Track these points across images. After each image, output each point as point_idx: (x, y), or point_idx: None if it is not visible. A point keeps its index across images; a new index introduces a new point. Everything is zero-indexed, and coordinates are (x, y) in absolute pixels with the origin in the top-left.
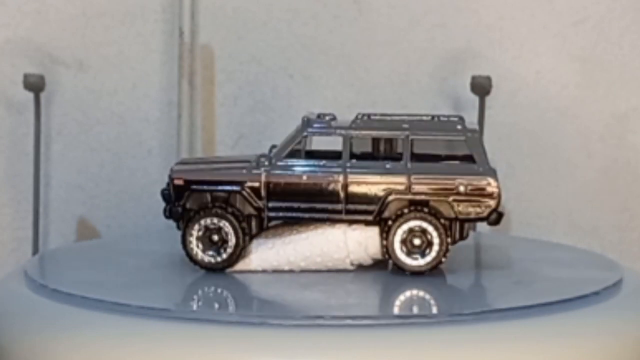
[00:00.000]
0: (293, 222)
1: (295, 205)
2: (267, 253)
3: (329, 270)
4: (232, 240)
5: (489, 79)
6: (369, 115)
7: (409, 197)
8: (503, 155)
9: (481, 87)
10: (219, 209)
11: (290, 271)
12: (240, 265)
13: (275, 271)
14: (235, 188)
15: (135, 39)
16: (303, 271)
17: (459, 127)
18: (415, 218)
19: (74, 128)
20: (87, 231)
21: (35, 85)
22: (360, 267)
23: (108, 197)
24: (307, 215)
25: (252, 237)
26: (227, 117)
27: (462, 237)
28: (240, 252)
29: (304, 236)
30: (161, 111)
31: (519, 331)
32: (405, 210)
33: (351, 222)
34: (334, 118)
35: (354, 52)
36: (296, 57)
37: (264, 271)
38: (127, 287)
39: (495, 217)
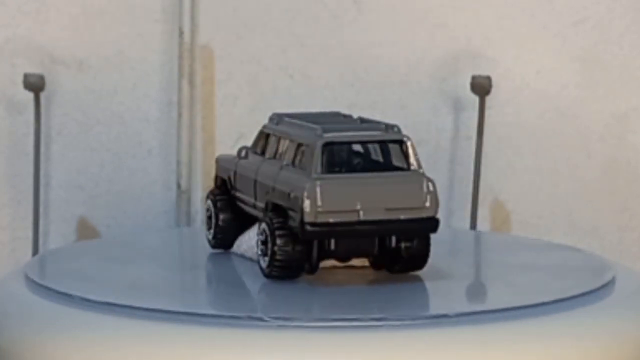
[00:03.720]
0: None
1: (243, 197)
2: (239, 239)
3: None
4: (213, 223)
5: (489, 79)
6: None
7: (271, 201)
8: (503, 155)
9: (481, 87)
10: (211, 194)
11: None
12: (231, 248)
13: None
14: (221, 176)
15: (135, 39)
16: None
17: (317, 133)
18: (261, 221)
19: (74, 128)
20: (87, 231)
21: (35, 85)
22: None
23: (108, 197)
24: (246, 207)
25: (244, 224)
26: (227, 117)
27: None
28: (221, 234)
29: (253, 228)
30: (161, 111)
31: (516, 331)
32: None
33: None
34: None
35: (354, 52)
36: (296, 57)
37: (242, 255)
38: (127, 288)
39: (309, 232)
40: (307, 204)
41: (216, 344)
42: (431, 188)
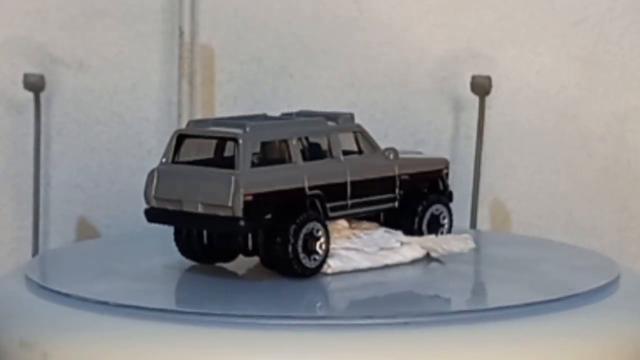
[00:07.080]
0: None
1: None
2: None
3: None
4: None
5: (489, 79)
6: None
7: None
8: (503, 155)
9: (481, 87)
10: None
11: None
12: None
13: None
14: None
15: (135, 39)
16: None
17: (188, 125)
18: None
19: (74, 128)
20: (87, 231)
21: (35, 85)
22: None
23: (108, 197)
24: None
25: None
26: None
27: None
28: None
29: None
30: (161, 111)
31: (517, 330)
32: None
33: None
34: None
35: (354, 52)
36: (296, 57)
37: None
38: (127, 288)
39: (147, 217)
40: (147, 189)
41: (217, 343)
42: (237, 189)
